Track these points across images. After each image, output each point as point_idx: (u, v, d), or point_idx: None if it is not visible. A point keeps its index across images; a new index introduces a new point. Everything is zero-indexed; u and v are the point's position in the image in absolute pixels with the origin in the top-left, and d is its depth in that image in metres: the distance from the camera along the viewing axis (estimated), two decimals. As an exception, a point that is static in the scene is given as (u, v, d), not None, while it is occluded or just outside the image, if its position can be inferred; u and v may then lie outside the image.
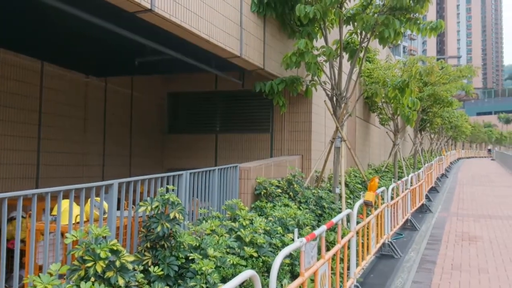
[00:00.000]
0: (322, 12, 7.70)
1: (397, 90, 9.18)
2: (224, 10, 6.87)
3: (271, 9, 8.15)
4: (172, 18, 5.45)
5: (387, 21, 7.67)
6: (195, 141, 11.17)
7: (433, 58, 14.72)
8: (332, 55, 8.37)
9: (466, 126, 37.94)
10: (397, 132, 16.04)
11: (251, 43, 7.82)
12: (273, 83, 8.77)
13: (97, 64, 9.03)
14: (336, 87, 8.79)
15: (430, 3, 7.67)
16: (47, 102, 8.28)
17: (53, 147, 8.40)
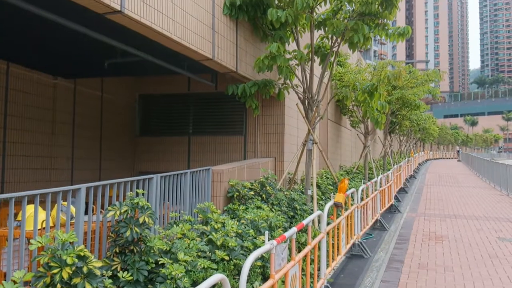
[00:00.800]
0: (294, 16, 7.81)
1: (366, 94, 9.40)
2: (196, 12, 6.86)
3: (244, 13, 8.20)
4: (142, 20, 5.41)
5: (356, 27, 7.85)
6: (167, 143, 11.08)
7: (402, 62, 15.13)
8: (303, 59, 8.48)
9: (433, 128, 39.11)
10: (367, 135, 16.38)
11: (224, 46, 7.84)
12: (245, 86, 8.81)
13: (65, 65, 8.81)
14: (308, 91, 8.91)
15: (397, 9, 7.89)
16: (12, 104, 8.03)
17: (19, 151, 8.15)
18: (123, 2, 4.96)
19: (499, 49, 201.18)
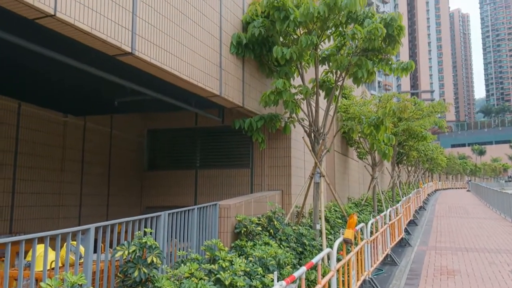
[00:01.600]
0: (298, 53, 7.99)
1: (372, 127, 9.46)
2: (204, 52, 7.05)
3: (250, 51, 8.40)
4: (152, 61, 5.57)
5: (360, 62, 8.00)
6: (174, 177, 11.11)
7: (407, 94, 15.26)
8: (308, 93, 8.62)
9: (441, 158, 38.88)
10: (375, 166, 16.32)
11: (231, 82, 8.00)
12: (252, 120, 8.92)
13: (76, 103, 9.02)
14: (314, 124, 8.99)
15: (401, 45, 8.05)
16: (23, 142, 8.17)
17: (29, 188, 8.22)
18: (134, 44, 5.13)
19: (504, 79, 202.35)
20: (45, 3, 3.86)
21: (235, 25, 8.35)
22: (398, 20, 7.68)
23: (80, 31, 4.37)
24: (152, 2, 5.55)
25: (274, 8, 7.91)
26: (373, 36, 7.43)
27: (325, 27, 8.14)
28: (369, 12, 8.10)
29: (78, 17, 4.26)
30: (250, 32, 8.18)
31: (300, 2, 8.11)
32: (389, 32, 7.73)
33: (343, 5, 7.41)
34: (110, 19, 4.73)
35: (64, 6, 4.08)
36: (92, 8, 4.46)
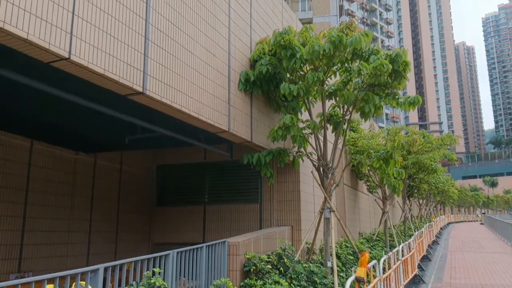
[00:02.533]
0: (305, 89, 8.11)
1: (381, 161, 9.43)
2: (213, 89, 7.19)
3: (257, 87, 8.54)
4: (163, 99, 5.69)
5: (367, 97, 8.08)
6: (183, 213, 11.07)
7: (415, 127, 15.25)
8: (316, 128, 8.67)
9: (452, 190, 38.30)
10: (385, 200, 16.11)
11: (239, 118, 8.10)
12: (260, 155, 8.95)
13: (87, 141, 9.16)
14: (322, 158, 8.98)
15: (407, 80, 8.14)
16: (34, 180, 8.26)
17: (38, 226, 8.24)
18: (145, 84, 5.26)
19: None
20: (60, 47, 4.01)
21: (243, 63, 8.54)
22: (403, 56, 7.80)
23: (93, 73, 4.51)
24: (163, 44, 5.73)
25: (281, 46, 8.11)
26: (379, 72, 7.54)
27: (331, 63, 8.29)
28: (374, 48, 8.26)
29: (92, 60, 4.41)
30: (258, 70, 8.35)
31: (306, 40, 8.31)
32: (395, 68, 7.84)
33: (348, 43, 7.58)
34: (123, 61, 4.88)
35: (79, 49, 4.24)
36: (106, 51, 4.62)
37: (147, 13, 5.39)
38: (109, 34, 4.69)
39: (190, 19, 6.51)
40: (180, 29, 6.21)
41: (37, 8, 3.83)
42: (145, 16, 5.36)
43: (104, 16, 4.62)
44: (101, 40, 4.57)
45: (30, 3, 3.77)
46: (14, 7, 3.60)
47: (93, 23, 4.46)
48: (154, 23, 5.54)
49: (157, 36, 5.60)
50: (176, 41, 6.10)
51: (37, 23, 3.80)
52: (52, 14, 3.97)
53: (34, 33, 3.75)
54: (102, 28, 4.59)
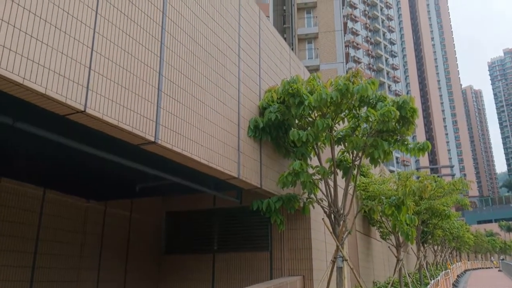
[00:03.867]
0: (314, 136, 8.18)
1: (393, 207, 9.31)
2: (223, 136, 7.30)
3: (266, 134, 8.65)
4: (174, 148, 5.78)
5: (376, 143, 8.11)
6: (192, 261, 10.87)
7: (426, 172, 15.13)
8: (326, 174, 8.65)
9: (468, 236, 37.25)
10: (399, 247, 15.68)
11: (248, 164, 8.14)
12: (270, 201, 8.89)
13: (98, 189, 9.24)
14: (333, 204, 8.89)
15: (415, 126, 8.19)
16: (45, 229, 8.27)
17: (47, 276, 8.14)
18: (157, 134, 5.38)
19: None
20: (76, 101, 4.17)
21: (252, 110, 8.71)
22: (411, 103, 7.90)
23: (107, 124, 4.64)
24: (175, 95, 5.91)
25: (289, 94, 8.28)
26: (386, 118, 7.61)
27: (339, 110, 8.41)
28: (381, 95, 8.39)
29: (107, 112, 4.56)
30: (267, 117, 8.49)
31: (314, 88, 8.49)
32: (403, 114, 7.92)
33: (355, 91, 7.73)
34: (136, 112, 5.03)
35: (94, 102, 4.40)
36: (120, 103, 4.77)
37: (160, 66, 5.61)
38: (123, 87, 4.87)
39: (201, 70, 6.74)
40: (191, 80, 6.41)
41: (56, 64, 4.03)
42: (159, 69, 5.57)
43: (119, 70, 4.82)
44: (116, 93, 4.74)
45: (49, 60, 3.97)
46: (34, 64, 3.79)
47: (108, 77, 4.65)
48: (167, 75, 5.75)
49: (169, 87, 5.79)
50: (188, 91, 6.29)
51: (55, 78, 3.98)
52: (70, 70, 4.16)
53: (52, 88, 3.92)
54: (117, 81, 4.78)
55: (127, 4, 5.09)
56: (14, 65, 3.61)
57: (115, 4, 4.90)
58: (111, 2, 4.83)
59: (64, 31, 4.14)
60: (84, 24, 4.37)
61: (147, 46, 5.39)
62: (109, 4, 4.77)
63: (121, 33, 4.92)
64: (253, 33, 9.03)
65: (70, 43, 4.18)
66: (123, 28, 4.97)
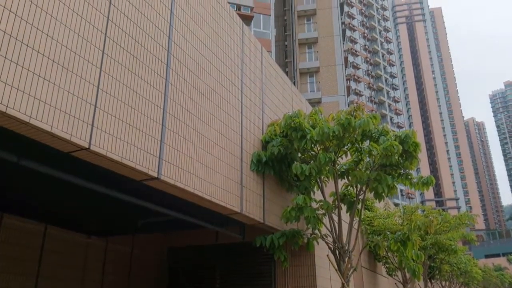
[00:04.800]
0: (317, 169, 8.17)
1: (399, 243, 9.17)
2: (226, 171, 7.30)
3: (269, 168, 8.65)
4: (176, 183, 5.78)
5: (379, 177, 8.09)
6: (194, 299, 10.61)
7: (431, 206, 14.97)
8: (330, 209, 8.58)
9: (476, 271, 36.30)
10: (406, 283, 15.32)
11: (251, 199, 8.10)
12: (273, 237, 8.78)
13: (99, 224, 9.17)
14: (338, 240, 8.76)
15: (418, 160, 8.19)
16: (45, 265, 8.15)
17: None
18: (160, 169, 5.40)
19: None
20: (81, 138, 4.21)
21: (255, 144, 8.74)
22: (413, 137, 7.93)
23: (111, 161, 4.67)
24: (178, 130, 5.96)
25: (291, 128, 8.34)
26: (389, 152, 7.63)
27: (341, 144, 8.44)
28: (383, 129, 8.44)
29: (111, 148, 4.59)
30: (270, 151, 8.51)
31: (316, 122, 8.56)
32: (405, 148, 7.94)
33: (357, 125, 7.78)
34: (140, 148, 5.06)
35: (98, 139, 4.44)
36: (124, 139, 4.82)
37: (164, 103, 5.70)
38: (127, 123, 4.93)
39: (205, 105, 6.83)
40: (195, 116, 6.49)
41: (62, 103, 4.10)
42: (163, 106, 5.65)
43: (123, 107, 4.89)
44: (120, 129, 4.79)
45: (56, 98, 4.04)
46: (41, 102, 3.86)
47: (113, 114, 4.71)
48: (171, 112, 5.82)
49: (173, 123, 5.85)
50: (191, 126, 6.35)
51: (61, 116, 4.04)
52: (76, 108, 4.23)
53: (57, 126, 3.97)
54: (122, 118, 4.84)
55: (133, 44, 5.23)
56: (21, 104, 3.68)
57: (121, 44, 5.04)
58: (118, 42, 4.97)
59: (71, 71, 4.24)
60: (91, 64, 4.48)
61: (152, 83, 5.50)
62: (115, 44, 4.90)
63: (127, 71, 5.03)
64: (256, 69, 9.20)
65: (76, 82, 4.28)
66: (129, 67, 5.09)
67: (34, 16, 3.95)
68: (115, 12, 5.00)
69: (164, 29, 5.97)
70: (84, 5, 4.55)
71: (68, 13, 4.35)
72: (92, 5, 4.66)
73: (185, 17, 6.62)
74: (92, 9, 4.64)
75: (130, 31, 5.22)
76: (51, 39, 4.09)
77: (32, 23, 3.93)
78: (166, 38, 5.99)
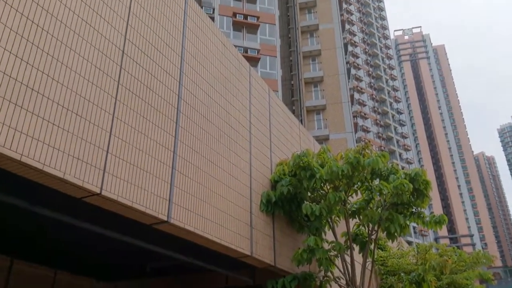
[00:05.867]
0: (328, 209, 8.09)
1: (414, 284, 8.90)
2: (235, 212, 7.25)
3: (279, 208, 8.57)
4: (186, 227, 5.74)
5: (391, 217, 7.97)
6: None
7: (445, 244, 14.61)
8: (342, 249, 8.41)
9: (497, 312, 34.78)
10: (423, 326, 14.68)
11: (261, 241, 7.98)
12: (285, 280, 8.56)
13: (107, 269, 9.05)
14: (351, 283, 8.53)
15: (429, 199, 8.09)
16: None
17: None
18: (170, 213, 5.39)
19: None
20: (92, 183, 4.26)
21: (264, 184, 8.72)
22: (423, 175, 7.88)
23: (121, 205, 4.68)
24: (188, 172, 6.00)
25: (300, 168, 8.34)
26: (400, 191, 7.56)
27: (351, 183, 8.39)
28: (392, 168, 8.41)
29: (121, 193, 4.62)
30: (279, 191, 8.47)
31: (324, 161, 8.56)
32: (416, 187, 7.87)
33: (366, 164, 7.76)
34: (150, 192, 5.09)
35: (110, 184, 4.48)
36: (134, 183, 4.85)
37: (175, 146, 5.77)
38: (138, 167, 4.98)
39: (214, 147, 6.90)
40: (204, 157, 6.54)
41: (75, 149, 4.18)
42: (173, 148, 5.72)
43: (135, 151, 4.96)
44: (131, 174, 4.83)
45: (69, 145, 4.12)
46: (54, 150, 3.94)
47: (124, 158, 4.78)
48: (181, 154, 5.88)
49: (183, 165, 5.90)
50: (201, 168, 6.39)
51: (73, 162, 4.11)
52: (88, 154, 4.30)
53: (70, 172, 4.03)
54: (133, 162, 4.90)
55: (144, 90, 5.37)
56: (35, 152, 3.76)
57: (134, 90, 5.18)
58: (130, 89, 5.11)
59: (84, 117, 4.35)
60: (104, 110, 4.60)
61: (163, 127, 5.60)
62: (128, 91, 5.04)
63: (138, 117, 5.14)
64: (263, 110, 9.34)
65: (90, 128, 4.37)
66: (141, 112, 5.20)
67: (49, 66, 4.11)
68: (127, 60, 5.18)
69: (174, 75, 6.15)
70: (98, 54, 4.73)
71: (82, 62, 4.51)
72: (105, 54, 4.84)
73: (195, 63, 6.82)
74: (106, 58, 4.82)
75: (142, 78, 5.38)
76: (65, 88, 4.23)
77: (48, 73, 4.08)
78: (177, 84, 6.15)
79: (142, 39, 5.54)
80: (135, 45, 5.38)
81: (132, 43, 5.32)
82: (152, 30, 5.80)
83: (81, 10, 4.59)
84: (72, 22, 4.44)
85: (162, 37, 6.02)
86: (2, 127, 3.52)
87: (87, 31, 4.62)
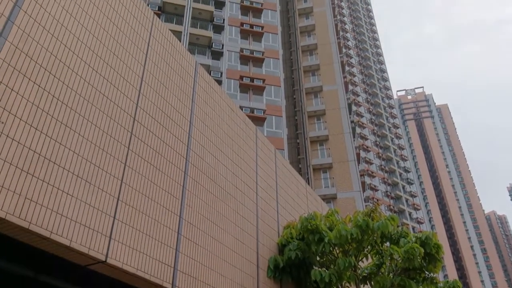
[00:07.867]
0: (337, 275, 7.82)
1: None
2: (242, 279, 7.04)
3: (287, 274, 8.30)
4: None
5: (403, 283, 7.68)
6: None
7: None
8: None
9: None
10: None
11: (269, 309, 7.66)
12: None
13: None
14: None
15: (442, 263, 7.82)
16: None
17: None
18: (175, 280, 5.24)
19: None
20: (98, 251, 4.20)
21: (271, 248, 8.52)
22: (434, 239, 7.69)
23: (125, 273, 4.58)
24: (194, 237, 5.92)
25: (308, 231, 8.18)
26: (411, 255, 7.35)
27: (361, 247, 8.19)
28: (402, 231, 8.24)
29: (126, 260, 4.54)
30: (287, 255, 8.25)
31: (333, 224, 8.41)
32: (427, 251, 7.65)
33: (375, 227, 7.62)
34: (155, 258, 4.99)
35: (115, 251, 4.42)
36: (139, 249, 4.78)
37: (181, 210, 5.75)
38: (144, 233, 4.93)
39: (220, 210, 6.85)
40: (210, 221, 6.48)
41: (82, 216, 4.18)
42: (179, 213, 5.69)
43: (141, 217, 4.94)
44: (137, 240, 4.78)
45: (77, 212, 4.13)
46: (62, 217, 3.95)
47: (131, 224, 4.75)
48: (187, 218, 5.84)
49: (189, 230, 5.83)
50: (207, 232, 6.30)
51: (80, 229, 4.09)
52: (95, 220, 4.29)
53: (76, 240, 4.00)
54: (139, 228, 4.86)
55: (153, 155, 5.46)
56: (44, 219, 3.76)
57: (143, 155, 5.27)
58: (139, 154, 5.20)
59: (93, 184, 4.40)
60: (113, 176, 4.65)
61: (169, 191, 5.61)
62: (137, 156, 5.13)
63: (146, 181, 5.18)
64: (270, 171, 9.37)
65: (98, 194, 4.40)
66: (149, 177, 5.25)
67: (62, 133, 4.23)
68: (138, 127, 5.32)
69: (183, 138, 6.27)
70: (109, 121, 4.87)
71: (94, 129, 4.64)
72: (116, 121, 4.98)
73: (202, 126, 6.98)
74: (117, 125, 4.96)
75: (151, 143, 5.50)
76: (76, 154, 4.32)
77: (60, 141, 4.19)
78: (185, 147, 6.26)
79: (152, 106, 5.73)
80: (146, 111, 5.56)
81: (143, 110, 5.50)
82: (162, 97, 6.01)
83: (96, 80, 4.81)
84: (86, 92, 4.63)
85: (172, 103, 6.23)
86: (13, 195, 3.56)
87: (100, 100, 4.80)
